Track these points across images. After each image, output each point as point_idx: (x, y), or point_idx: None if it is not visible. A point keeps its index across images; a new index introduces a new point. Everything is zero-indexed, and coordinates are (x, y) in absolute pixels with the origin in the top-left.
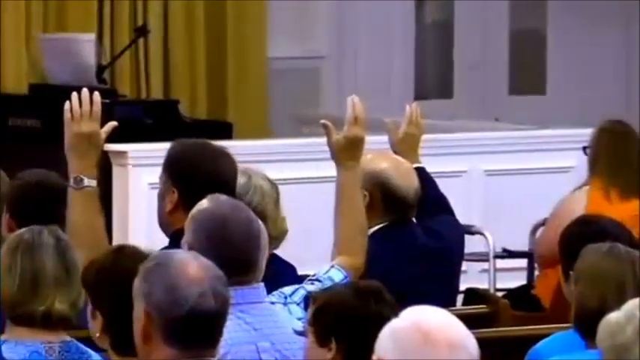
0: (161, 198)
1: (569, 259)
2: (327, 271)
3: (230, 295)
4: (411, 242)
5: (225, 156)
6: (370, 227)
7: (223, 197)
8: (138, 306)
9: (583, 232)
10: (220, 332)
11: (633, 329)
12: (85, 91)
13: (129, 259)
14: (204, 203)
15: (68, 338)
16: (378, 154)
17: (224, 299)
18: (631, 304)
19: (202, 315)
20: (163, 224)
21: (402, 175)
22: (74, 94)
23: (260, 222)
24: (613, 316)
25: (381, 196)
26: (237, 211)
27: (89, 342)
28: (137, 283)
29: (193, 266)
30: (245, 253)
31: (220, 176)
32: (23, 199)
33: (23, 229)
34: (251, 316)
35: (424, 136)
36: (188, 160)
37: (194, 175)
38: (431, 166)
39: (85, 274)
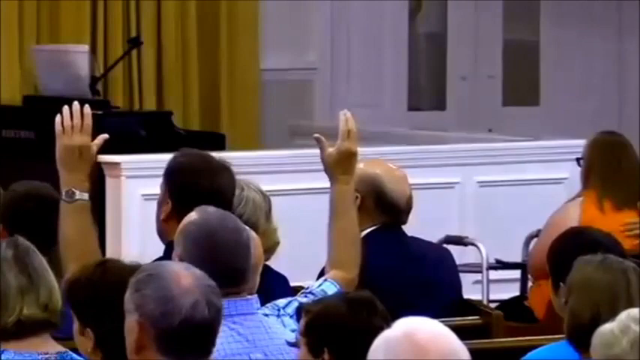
0: (159, 206)
1: (559, 272)
2: (320, 285)
3: (223, 304)
4: (402, 246)
5: (224, 170)
6: (361, 230)
7: (211, 208)
8: (130, 318)
9: (571, 244)
10: (213, 342)
11: (628, 341)
12: (75, 104)
13: (116, 272)
14: (192, 215)
15: (64, 349)
16: (371, 160)
17: (217, 309)
18: (625, 315)
19: (196, 325)
20: (159, 232)
21: (395, 180)
22: (65, 108)
23: (251, 232)
24: (607, 327)
25: (374, 198)
26: (225, 221)
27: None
28: (128, 295)
29: (186, 276)
30: (234, 263)
31: (217, 191)
32: (15, 210)
33: None
34: (244, 327)
35: (417, 148)
36: (186, 173)
37: (189, 189)
38: (424, 178)
39: (71, 291)
